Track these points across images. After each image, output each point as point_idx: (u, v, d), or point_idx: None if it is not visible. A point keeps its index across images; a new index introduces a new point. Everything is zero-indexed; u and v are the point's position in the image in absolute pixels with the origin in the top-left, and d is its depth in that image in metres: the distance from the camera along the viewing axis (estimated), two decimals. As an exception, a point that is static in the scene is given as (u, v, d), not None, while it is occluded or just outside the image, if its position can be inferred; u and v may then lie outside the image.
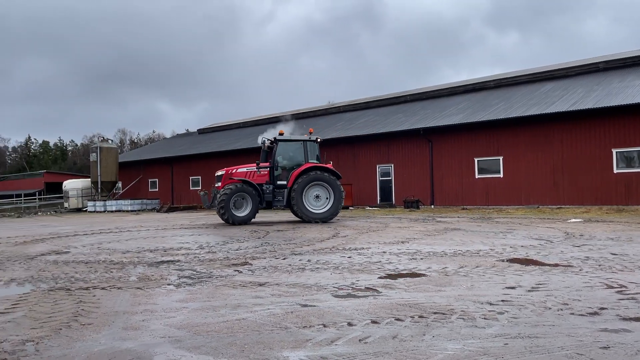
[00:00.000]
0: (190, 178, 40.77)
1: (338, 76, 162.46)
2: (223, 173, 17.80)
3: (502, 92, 30.26)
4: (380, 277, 6.57)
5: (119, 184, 44.18)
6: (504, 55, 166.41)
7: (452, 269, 7.04)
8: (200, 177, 39.64)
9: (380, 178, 29.51)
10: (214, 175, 18.82)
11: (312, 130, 18.95)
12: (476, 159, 25.70)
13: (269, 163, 17.82)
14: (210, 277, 6.85)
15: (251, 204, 17.11)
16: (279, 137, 17.83)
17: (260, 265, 7.85)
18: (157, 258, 8.97)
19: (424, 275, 6.68)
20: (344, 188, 28.92)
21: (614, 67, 27.88)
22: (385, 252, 9.02)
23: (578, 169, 22.59)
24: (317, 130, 35.30)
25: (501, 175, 24.86)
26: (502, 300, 5.12)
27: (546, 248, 9.18)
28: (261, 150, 18.17)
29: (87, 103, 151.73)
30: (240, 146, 36.33)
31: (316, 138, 18.28)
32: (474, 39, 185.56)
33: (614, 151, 21.80)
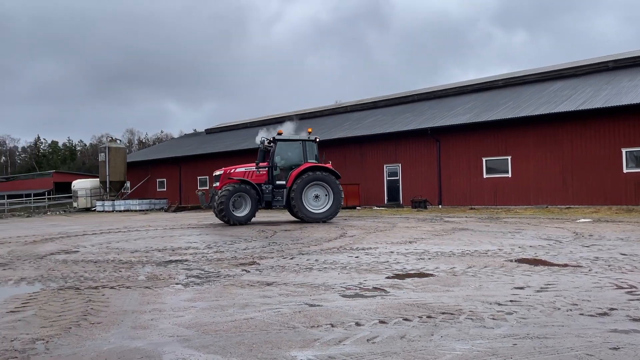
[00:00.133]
0: (198, 178, 40.90)
1: (345, 76, 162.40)
2: (221, 173, 17.64)
3: (510, 92, 30.11)
4: (388, 277, 6.56)
5: (127, 184, 44.41)
6: (512, 54, 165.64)
7: (460, 269, 7.02)
8: (207, 177, 39.75)
9: (387, 178, 29.47)
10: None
11: (311, 129, 18.76)
12: (484, 159, 25.59)
13: (267, 163, 17.67)
14: (218, 277, 6.87)
15: (250, 204, 16.95)
16: (278, 137, 17.68)
17: (267, 264, 7.86)
18: (166, 257, 9.01)
19: (432, 275, 6.66)
20: (351, 188, 29.19)
21: (623, 66, 27.64)
22: (392, 252, 9.01)
23: (587, 169, 22.43)
24: (325, 129, 35.33)
25: (509, 175, 24.74)
26: (511, 300, 5.09)
27: (555, 248, 9.13)
28: (259, 150, 17.95)
29: (96, 103, 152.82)
30: (247, 146, 36.38)
31: (315, 138, 18.14)
32: (482, 39, 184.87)
33: (624, 151, 21.62)
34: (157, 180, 44.79)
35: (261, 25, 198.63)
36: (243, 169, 17.62)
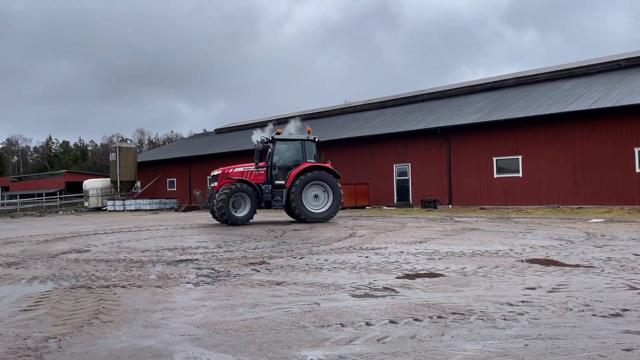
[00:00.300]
0: (207, 178, 41.02)
1: (354, 76, 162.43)
2: (219, 172, 17.52)
3: (521, 91, 29.91)
4: (398, 277, 6.54)
5: (138, 184, 44.71)
6: (522, 53, 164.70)
7: (471, 269, 6.98)
8: (217, 177, 39.88)
9: (397, 177, 29.40)
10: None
11: (311, 129, 18.61)
12: (494, 158, 25.44)
13: (265, 162, 17.55)
14: (228, 276, 6.89)
15: (250, 204, 16.80)
16: (277, 136, 17.60)
17: (277, 264, 7.87)
18: (176, 257, 9.06)
19: (442, 275, 6.63)
20: (361, 188, 29.16)
21: (636, 65, 27.33)
22: (402, 252, 8.98)
23: (599, 169, 22.22)
24: (334, 129, 35.33)
25: (520, 174, 24.57)
26: (522, 301, 5.06)
27: (567, 248, 9.06)
28: (255, 150, 17.80)
29: (107, 103, 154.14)
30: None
31: (314, 137, 18.06)
32: (492, 38, 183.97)
33: (636, 150, 21.38)
34: (167, 180, 45.03)
35: (270, 25, 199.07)
36: (241, 169, 17.49)
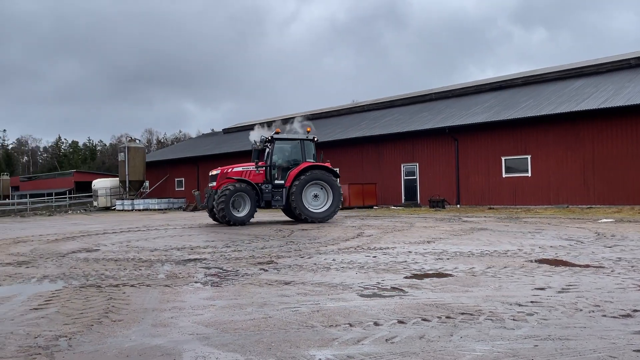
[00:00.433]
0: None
1: (362, 75, 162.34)
2: (218, 172, 17.45)
3: (530, 90, 29.72)
4: (406, 277, 6.53)
5: (147, 183, 44.91)
6: (531, 52, 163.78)
7: (480, 270, 6.95)
8: (225, 177, 39.97)
9: (405, 177, 29.32)
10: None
11: (310, 129, 18.46)
12: (503, 158, 25.31)
13: (264, 162, 17.47)
14: (236, 276, 6.91)
15: (250, 204, 16.68)
16: (276, 136, 17.53)
17: (285, 264, 7.88)
18: (184, 256, 9.10)
19: (451, 275, 6.61)
20: (368, 187, 29.12)
21: (647, 63, 27.12)
22: (410, 252, 8.96)
23: (609, 168, 22.04)
24: (342, 129, 35.31)
25: (529, 174, 24.43)
26: (532, 301, 5.03)
27: (576, 249, 8.99)
28: (252, 149, 17.70)
29: (116, 104, 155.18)
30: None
31: (313, 137, 17.98)
32: (500, 37, 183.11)
33: (647, 149, 21.20)
34: (176, 179, 45.20)
35: (278, 25, 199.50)
36: (240, 169, 17.41)
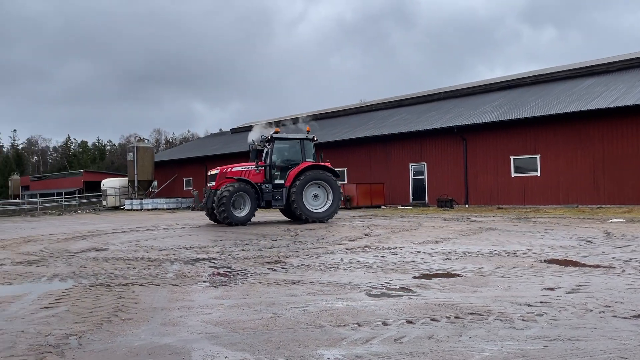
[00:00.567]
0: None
1: (369, 75, 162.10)
2: (217, 172, 17.34)
3: (540, 89, 29.53)
4: (414, 277, 6.51)
5: (155, 183, 45.13)
6: (540, 52, 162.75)
7: (489, 270, 6.92)
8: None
9: (413, 177, 29.25)
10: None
11: (309, 128, 18.37)
12: (512, 157, 25.17)
13: (263, 162, 17.38)
14: (244, 275, 6.93)
15: (250, 204, 16.58)
16: (275, 135, 17.46)
17: (293, 263, 7.89)
18: (193, 255, 9.13)
19: (460, 275, 6.59)
20: (376, 187, 29.08)
21: (658, 62, 26.86)
22: (419, 252, 8.94)
23: (619, 168, 21.85)
24: (349, 129, 35.29)
25: (538, 173, 24.27)
26: (541, 301, 5.00)
27: (586, 249, 8.93)
28: (250, 149, 17.53)
29: (125, 104, 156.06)
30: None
31: (313, 137, 17.91)
32: (509, 36, 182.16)
33: (658, 149, 21.00)
34: (184, 179, 45.38)
35: (285, 26, 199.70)
36: (240, 168, 17.31)
